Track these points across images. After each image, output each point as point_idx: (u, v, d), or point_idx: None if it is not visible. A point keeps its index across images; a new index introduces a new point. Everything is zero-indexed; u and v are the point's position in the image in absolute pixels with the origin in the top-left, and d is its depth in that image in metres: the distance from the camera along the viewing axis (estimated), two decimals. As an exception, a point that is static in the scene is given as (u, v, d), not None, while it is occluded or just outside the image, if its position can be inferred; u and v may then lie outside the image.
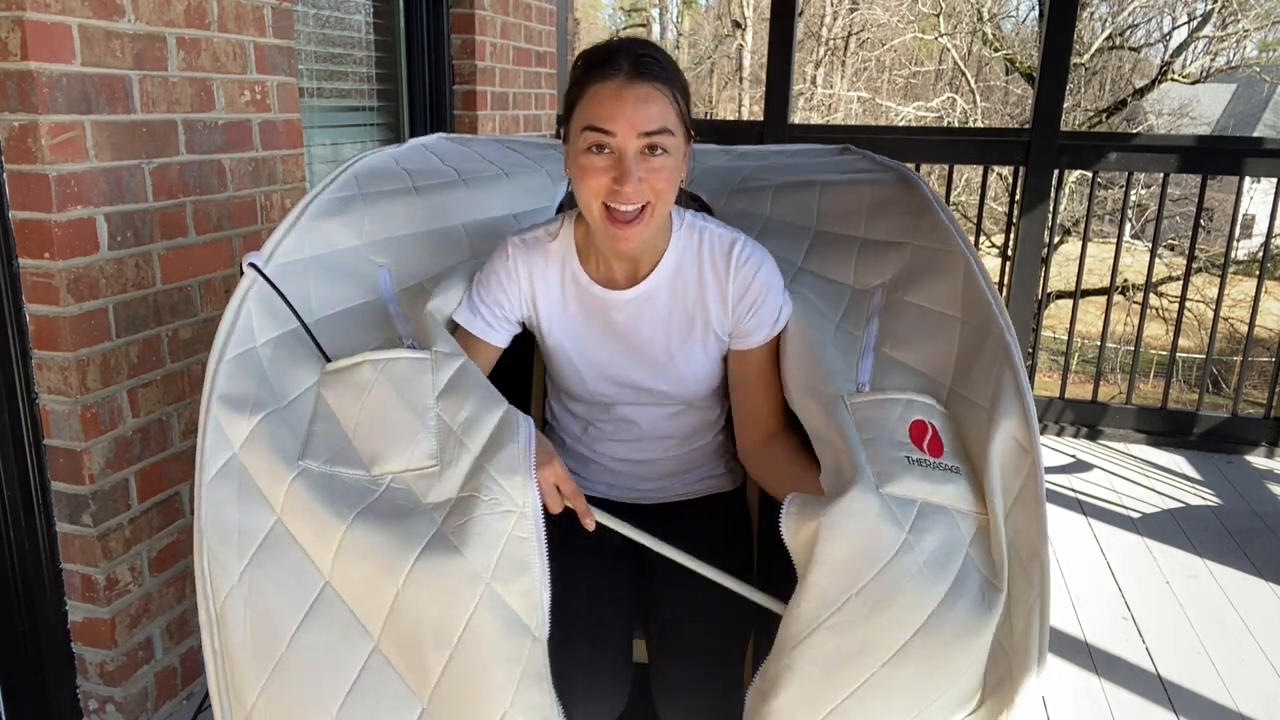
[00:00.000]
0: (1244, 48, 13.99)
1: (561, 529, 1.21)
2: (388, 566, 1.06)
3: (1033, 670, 1.03)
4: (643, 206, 1.20)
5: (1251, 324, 3.55)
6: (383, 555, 1.07)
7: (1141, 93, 12.89)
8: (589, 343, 1.38)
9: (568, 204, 1.59)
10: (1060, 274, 10.31)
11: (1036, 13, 14.01)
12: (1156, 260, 3.80)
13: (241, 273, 1.25)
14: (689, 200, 1.58)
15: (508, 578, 1.07)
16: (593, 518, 1.22)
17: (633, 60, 1.17)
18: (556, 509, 1.18)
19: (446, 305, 1.37)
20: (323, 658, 1.06)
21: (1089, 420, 3.54)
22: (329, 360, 1.25)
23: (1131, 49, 14.26)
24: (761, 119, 3.58)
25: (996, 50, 14.17)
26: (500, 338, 1.39)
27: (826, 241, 1.53)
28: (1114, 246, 3.68)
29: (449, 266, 1.46)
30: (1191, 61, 13.40)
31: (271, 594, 1.08)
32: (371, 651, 1.08)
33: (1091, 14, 13.34)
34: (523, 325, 1.43)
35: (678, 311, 1.34)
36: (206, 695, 1.89)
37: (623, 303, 1.33)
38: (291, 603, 1.08)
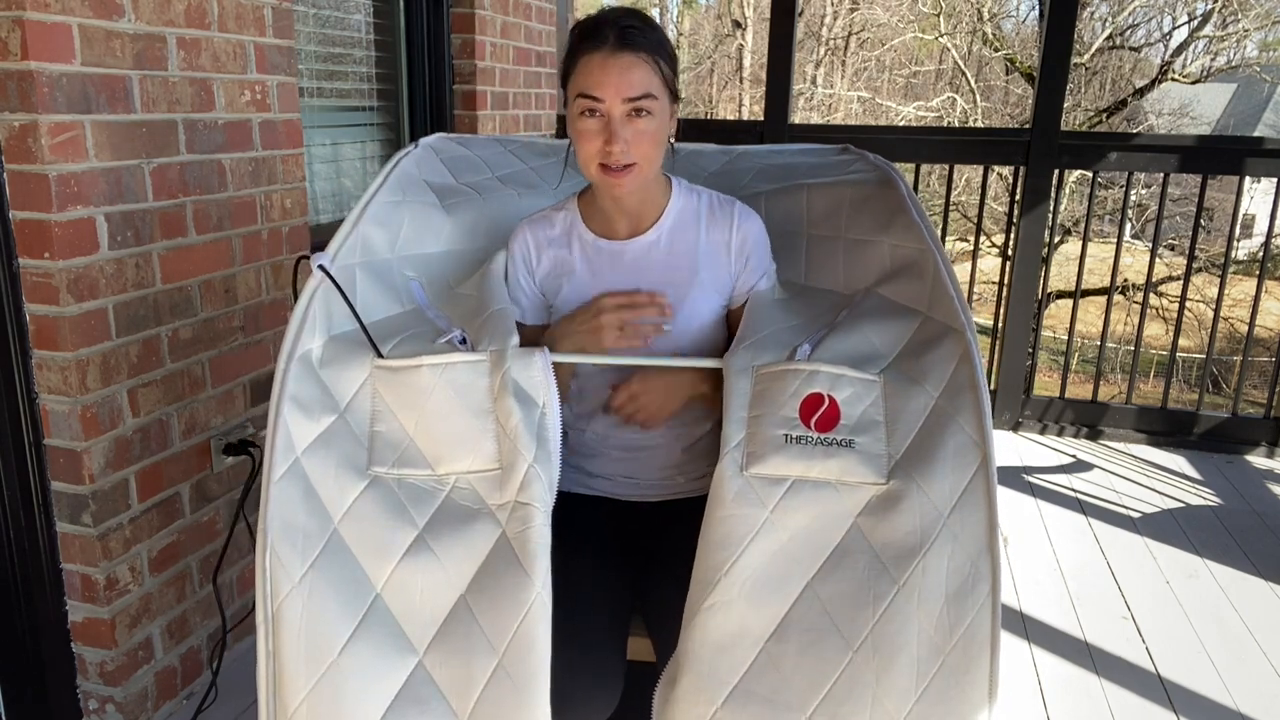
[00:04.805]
0: (1244, 48, 13.97)
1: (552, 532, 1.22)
2: (456, 570, 1.10)
3: (985, 666, 1.04)
4: (630, 164, 1.32)
5: (1251, 324, 3.55)
6: (451, 560, 1.10)
7: (1141, 93, 12.87)
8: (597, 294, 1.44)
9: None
10: (1060, 274, 10.29)
11: (1036, 13, 13.98)
12: (1156, 260, 3.80)
13: (296, 272, 1.26)
14: None
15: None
16: (670, 308, 1.36)
17: (618, 31, 1.28)
18: (641, 337, 1.34)
19: (492, 301, 1.36)
20: (369, 670, 1.08)
21: (1089, 420, 3.54)
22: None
23: (1131, 49, 14.24)
24: (761, 119, 3.58)
25: (996, 50, 14.15)
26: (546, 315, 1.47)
27: (817, 246, 1.56)
28: (1114, 246, 3.69)
29: (476, 274, 1.47)
30: (1191, 61, 13.38)
31: (330, 597, 1.09)
32: (415, 666, 1.09)
33: (1091, 14, 13.31)
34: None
35: (681, 261, 1.43)
36: (206, 695, 1.89)
37: (627, 250, 1.43)
38: (346, 610, 1.09)
